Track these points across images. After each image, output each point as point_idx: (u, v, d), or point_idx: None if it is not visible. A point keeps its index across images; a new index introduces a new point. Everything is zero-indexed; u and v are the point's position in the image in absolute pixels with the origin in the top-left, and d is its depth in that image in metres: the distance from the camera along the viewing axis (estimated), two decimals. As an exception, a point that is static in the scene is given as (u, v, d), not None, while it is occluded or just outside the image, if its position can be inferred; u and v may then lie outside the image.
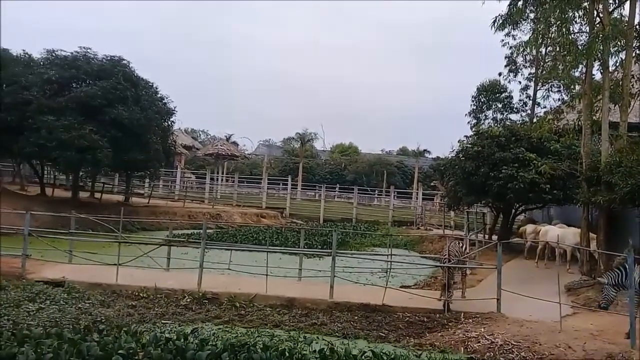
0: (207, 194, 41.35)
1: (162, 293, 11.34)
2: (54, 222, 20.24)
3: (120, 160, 27.48)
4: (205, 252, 12.71)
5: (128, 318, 9.32)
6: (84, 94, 26.39)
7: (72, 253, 14.14)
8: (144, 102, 28.89)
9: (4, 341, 6.75)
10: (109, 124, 26.44)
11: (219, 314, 10.43)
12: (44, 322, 8.43)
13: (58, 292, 10.69)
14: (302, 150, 62.85)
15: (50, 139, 24.88)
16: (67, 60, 28.59)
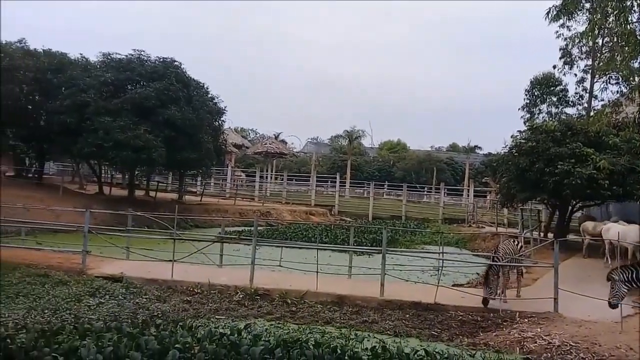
0: (257, 192, 41.91)
1: (215, 289, 11.55)
2: (111, 220, 20.98)
3: (174, 159, 28.20)
4: (256, 249, 12.86)
5: (183, 313, 9.54)
6: (138, 95, 27.19)
7: (129, 249, 14.57)
8: (195, 102, 29.53)
9: (66, 334, 7.02)
10: (162, 124, 27.16)
11: (270, 310, 10.53)
12: (104, 316, 8.72)
13: (117, 287, 11.04)
14: (350, 148, 62.76)
15: (107, 139, 25.78)
16: (121, 62, 29.54)
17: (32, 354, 5.90)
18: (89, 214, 13.81)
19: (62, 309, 8.97)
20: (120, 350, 6.12)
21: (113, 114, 26.58)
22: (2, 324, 7.83)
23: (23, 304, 9.18)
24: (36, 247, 15.22)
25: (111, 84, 28.02)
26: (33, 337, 6.59)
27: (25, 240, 16.59)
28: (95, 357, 5.88)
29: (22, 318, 8.26)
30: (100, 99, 27.15)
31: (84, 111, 26.85)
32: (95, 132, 26.14)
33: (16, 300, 9.41)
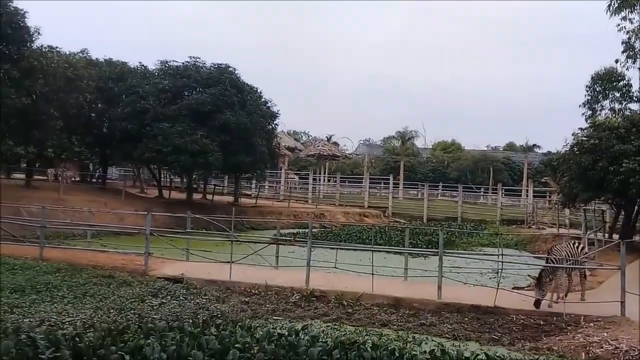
0: (310, 194, 42.15)
1: (272, 290, 11.69)
2: (171, 222, 21.62)
3: (229, 162, 28.78)
4: (311, 250, 12.93)
5: (242, 313, 9.70)
6: (195, 101, 27.93)
7: (188, 251, 14.96)
8: (249, 107, 30.04)
9: (132, 333, 7.25)
10: (218, 129, 27.78)
11: (326, 312, 10.56)
12: (166, 316, 8.96)
13: (177, 288, 11.34)
14: (403, 149, 62.21)
15: (166, 144, 26.61)
16: (178, 70, 30.43)
17: (99, 352, 6.11)
18: (150, 216, 14.22)
19: (127, 309, 9.28)
20: (183, 350, 6.26)
21: (171, 120, 27.42)
22: (71, 323, 8.19)
23: (90, 303, 9.56)
24: (101, 249, 15.85)
25: (169, 90, 28.90)
26: (100, 335, 6.83)
27: (91, 242, 17.34)
28: (160, 355, 6.05)
29: (90, 317, 8.59)
30: (158, 106, 28.05)
31: (143, 117, 27.84)
32: (155, 137, 27.04)
33: (83, 300, 9.81)
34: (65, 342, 6.30)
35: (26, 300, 9.33)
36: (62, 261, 13.16)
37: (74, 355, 5.97)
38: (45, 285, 10.41)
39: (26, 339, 6.25)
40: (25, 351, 5.86)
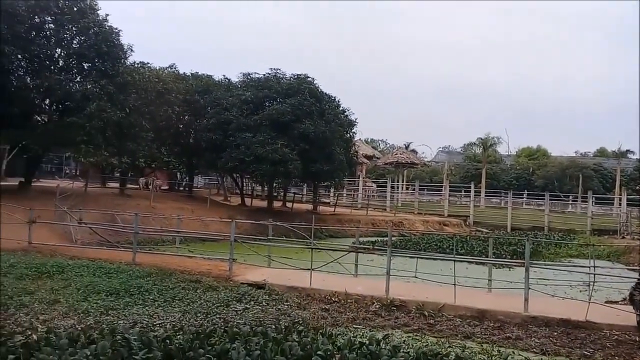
0: (389, 202, 41.85)
1: (352, 298, 11.70)
2: (252, 230, 22.19)
3: (308, 171, 29.18)
4: (390, 259, 12.82)
5: (322, 321, 9.77)
6: (275, 111, 28.58)
7: (270, 258, 15.28)
8: (328, 116, 30.34)
9: (218, 337, 7.51)
10: (297, 138, 28.26)
11: (407, 322, 10.42)
12: (250, 321, 9.19)
13: (260, 293, 11.60)
14: (485, 156, 60.43)
15: (248, 154, 27.42)
16: (260, 81, 31.32)
17: (188, 355, 6.37)
18: (234, 224, 14.67)
19: (213, 313, 9.62)
20: (267, 354, 6.41)
21: (253, 130, 28.22)
22: (161, 325, 8.60)
23: (178, 307, 9.99)
24: (188, 254, 16.52)
25: (251, 101, 29.78)
26: (189, 338, 7.12)
27: (179, 248, 18.12)
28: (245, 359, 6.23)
29: (178, 320, 8.98)
30: (241, 117, 28.96)
31: (227, 128, 28.86)
32: (238, 147, 27.93)
33: (172, 303, 10.26)
34: (157, 344, 6.61)
35: (120, 303, 9.89)
36: (153, 266, 13.83)
37: (164, 356, 6.25)
38: (138, 289, 10.98)
39: (121, 340, 6.61)
40: (120, 351, 6.21)
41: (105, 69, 23.21)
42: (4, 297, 9.56)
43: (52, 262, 13.17)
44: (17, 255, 13.92)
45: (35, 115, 23.92)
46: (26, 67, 22.79)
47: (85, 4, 23.03)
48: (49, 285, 10.97)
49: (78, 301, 9.72)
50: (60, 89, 21.60)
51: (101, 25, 23.11)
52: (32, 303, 9.38)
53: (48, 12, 22.32)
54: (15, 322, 8.20)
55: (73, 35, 22.99)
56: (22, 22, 21.46)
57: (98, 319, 8.73)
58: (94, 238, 18.95)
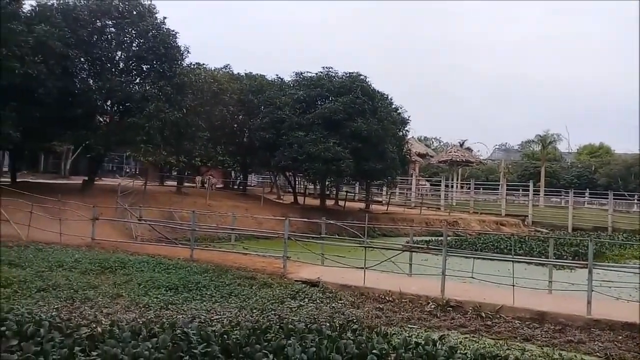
0: (443, 201, 41.18)
1: (406, 298, 11.56)
2: (305, 227, 22.33)
3: (361, 169, 29.10)
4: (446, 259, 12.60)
5: (376, 320, 9.70)
6: (327, 110, 28.63)
7: (323, 256, 15.32)
8: (380, 114, 30.16)
9: (273, 333, 7.58)
10: (349, 136, 28.21)
11: (464, 323, 10.20)
12: (304, 318, 9.23)
13: (314, 291, 11.64)
14: (544, 154, 58.54)
15: (300, 152, 27.60)
16: (312, 80, 31.45)
17: (245, 350, 6.45)
18: (288, 222, 14.78)
19: (268, 310, 9.71)
20: (322, 352, 6.41)
21: (305, 129, 28.38)
22: (219, 320, 8.76)
23: (235, 303, 10.14)
24: (243, 251, 16.78)
25: (303, 100, 29.95)
26: (245, 334, 7.21)
27: (234, 245, 18.46)
28: (300, 356, 6.25)
29: (235, 316, 9.12)
30: (294, 115, 29.18)
31: (280, 127, 29.14)
32: (290, 146, 28.16)
33: (229, 299, 10.43)
34: (215, 339, 6.72)
35: (179, 298, 10.13)
36: (210, 262, 14.12)
37: (222, 351, 6.34)
38: (196, 285, 11.23)
39: (181, 334, 6.76)
40: (180, 345, 6.34)
41: (163, 71, 23.90)
42: (70, 291, 9.98)
43: (115, 257, 13.65)
44: (81, 251, 14.52)
45: (98, 117, 24.88)
46: (89, 70, 23.75)
47: (144, 7, 23.76)
48: (111, 279, 11.37)
49: (139, 295, 10.02)
50: (121, 90, 22.38)
51: (159, 28, 23.79)
52: (96, 297, 9.75)
53: (109, 16, 23.19)
54: (81, 315, 8.53)
55: (132, 38, 23.78)
56: (85, 27, 22.39)
57: (158, 313, 8.97)
58: (153, 235, 19.56)
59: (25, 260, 12.33)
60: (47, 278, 10.73)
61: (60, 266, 12.14)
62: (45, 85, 19.42)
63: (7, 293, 9.42)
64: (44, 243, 15.43)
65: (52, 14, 21.13)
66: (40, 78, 19.04)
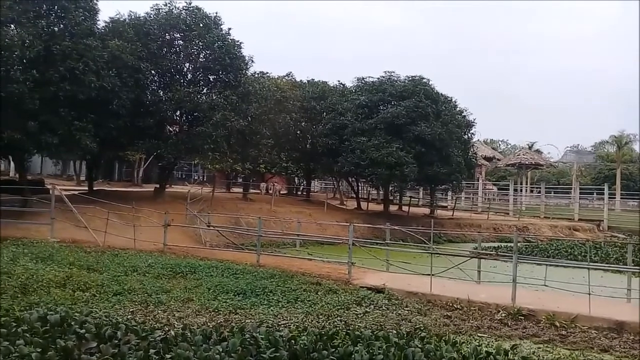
0: (511, 206, 39.94)
1: (475, 306, 11.27)
2: (369, 233, 22.26)
3: (425, 174, 28.75)
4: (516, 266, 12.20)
5: (444, 328, 9.51)
6: (390, 115, 28.48)
7: (388, 262, 15.20)
8: (444, 117, 29.71)
9: (340, 339, 7.58)
10: (413, 141, 27.93)
11: (536, 332, 9.83)
12: (371, 324, 9.18)
13: (380, 297, 11.55)
14: (619, 155, 55.65)
15: (363, 158, 27.58)
16: (374, 85, 31.39)
17: (313, 355, 6.48)
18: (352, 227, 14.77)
19: (334, 316, 9.71)
20: (389, 359, 6.37)
21: (368, 134, 28.34)
22: (286, 325, 8.84)
23: (301, 308, 10.21)
24: (308, 257, 16.90)
25: (365, 105, 29.92)
26: (312, 339, 7.24)
27: (299, 250, 18.63)
28: (367, 363, 6.23)
29: (301, 321, 9.18)
30: (356, 121, 29.22)
31: (342, 133, 29.26)
32: (353, 151, 28.20)
33: (295, 304, 10.52)
34: (283, 344, 6.79)
35: (247, 303, 10.31)
36: (276, 267, 14.29)
37: (290, 356, 6.39)
38: (263, 290, 11.39)
39: (249, 338, 6.88)
40: (249, 349, 6.45)
41: (228, 80, 24.55)
42: (144, 295, 10.37)
43: (185, 262, 14.07)
44: (154, 256, 15.06)
45: (168, 126, 25.81)
46: (159, 82, 24.71)
47: (210, 19, 24.49)
48: (182, 284, 11.73)
49: (209, 300, 10.28)
50: (189, 100, 23.14)
51: (224, 38, 24.45)
52: (169, 301, 10.07)
53: (177, 29, 24.06)
54: (154, 318, 8.84)
55: (199, 50, 24.56)
56: (155, 40, 23.35)
57: (227, 318, 9.17)
58: (221, 240, 20.07)
59: (102, 265, 12.91)
60: (123, 282, 11.18)
61: (134, 271, 12.64)
62: (119, 97, 20.33)
63: (86, 297, 9.88)
64: (120, 248, 16.11)
65: (125, 29, 22.12)
66: (114, 91, 19.95)
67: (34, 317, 7.22)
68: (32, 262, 12.21)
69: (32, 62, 18.04)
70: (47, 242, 15.84)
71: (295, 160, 35.19)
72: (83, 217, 17.71)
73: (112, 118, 20.63)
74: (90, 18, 20.51)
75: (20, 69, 17.71)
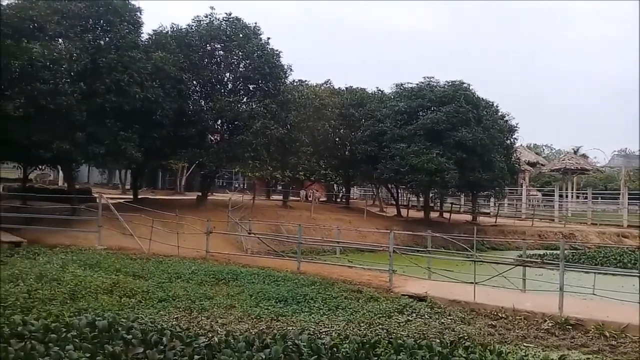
0: (557, 212, 38.90)
1: (520, 315, 11.00)
2: (409, 240, 22.05)
3: (466, 180, 28.33)
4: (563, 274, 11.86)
5: (489, 337, 9.32)
6: (429, 120, 28.23)
7: (430, 270, 15.01)
8: (485, 122, 29.26)
9: (382, 348, 7.52)
10: (453, 147, 27.59)
11: (585, 342, 9.52)
12: (413, 333, 9.08)
13: (422, 306, 11.40)
14: (671, 158, 53.52)
15: (402, 164, 27.40)
16: (413, 91, 31.18)
17: (355, 363, 6.48)
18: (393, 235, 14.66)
19: (375, 324, 9.64)
20: (433, 369, 6.29)
21: (407, 140, 28.16)
22: (327, 333, 8.84)
23: (342, 316, 10.18)
24: (348, 264, 16.86)
25: (404, 112, 29.75)
26: (354, 347, 7.21)
27: (339, 258, 18.60)
28: (411, 372, 6.17)
29: (343, 329, 9.15)
30: (395, 127, 29.08)
31: (381, 139, 29.17)
32: (392, 158, 28.05)
33: (336, 312, 10.49)
34: (325, 351, 6.78)
35: (289, 310, 10.35)
36: (316, 275, 14.30)
37: (331, 364, 6.41)
38: (304, 297, 11.41)
39: (292, 346, 6.90)
40: (291, 356, 6.48)
41: (268, 89, 24.84)
42: (187, 301, 10.55)
43: (227, 269, 14.24)
44: (197, 263, 15.30)
45: (209, 135, 26.27)
46: (200, 92, 25.20)
47: (250, 29, 24.86)
48: (225, 291, 11.87)
49: (251, 307, 10.37)
50: (230, 110, 23.50)
51: (264, 48, 24.76)
52: (212, 307, 10.21)
53: (218, 40, 24.52)
54: (198, 324, 8.98)
55: (239, 60, 24.94)
56: (196, 51, 23.87)
57: (269, 325, 9.23)
58: (261, 247, 20.25)
59: (147, 272, 13.20)
60: (167, 289, 11.40)
61: (178, 277, 12.87)
62: (163, 107, 20.81)
63: (132, 303, 10.12)
64: (164, 255, 16.44)
65: (167, 40, 22.66)
66: (158, 101, 20.44)
67: (82, 323, 7.44)
68: (80, 269, 12.58)
69: (80, 75, 18.67)
70: (95, 249, 16.32)
71: (334, 167, 35.22)
72: (129, 225, 18.17)
73: (156, 128, 21.13)
74: (135, 31, 21.11)
75: (69, 82, 18.32)
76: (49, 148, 17.96)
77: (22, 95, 17.13)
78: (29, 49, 17.20)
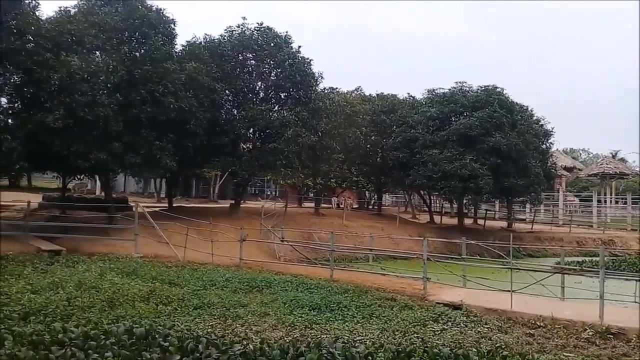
0: (595, 218, 37.92)
1: (559, 323, 10.74)
2: (443, 248, 21.78)
3: (501, 186, 27.89)
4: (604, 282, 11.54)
5: (527, 347, 9.12)
6: (462, 126, 27.92)
7: (465, 277, 14.79)
8: (520, 127, 28.82)
9: (418, 357, 7.43)
10: (487, 152, 27.22)
11: (627, 352, 9.24)
12: (449, 342, 8.95)
13: (457, 314, 11.24)
14: None
15: (435, 170, 27.14)
16: (445, 96, 30.92)
17: (392, 372, 6.42)
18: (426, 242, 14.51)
19: (410, 332, 9.54)
20: (469, 378, 6.19)
21: (439, 146, 27.91)
22: (362, 341, 8.78)
23: (376, 324, 10.11)
24: (381, 272, 16.75)
25: (436, 117, 29.52)
26: (390, 356, 7.15)
27: (372, 265, 18.50)
28: (448, 382, 6.08)
29: (377, 338, 9.08)
30: (427, 133, 28.86)
31: (413, 146, 28.98)
32: (425, 164, 27.83)
33: (370, 320, 10.43)
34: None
35: (322, 318, 10.34)
36: (349, 282, 14.26)
37: (368, 372, 6.36)
38: (337, 305, 11.38)
39: (326, 354, 6.88)
40: (325, 364, 6.48)
41: (299, 97, 24.99)
42: (222, 309, 10.64)
43: (261, 277, 14.31)
44: (231, 271, 15.43)
45: (242, 144, 26.54)
46: (233, 101, 25.50)
47: (281, 38, 25.07)
48: (259, 298, 11.93)
49: (285, 314, 10.39)
50: (262, 118, 23.71)
51: (294, 56, 24.93)
52: (246, 315, 10.28)
53: (249, 49, 24.81)
54: (233, 332, 9.04)
55: (271, 69, 25.18)
56: (229, 61, 24.19)
57: (303, 332, 9.23)
58: (294, 255, 20.30)
59: (182, 280, 13.37)
60: (202, 296, 11.52)
61: (213, 285, 13.00)
62: (196, 117, 21.14)
63: (168, 310, 10.25)
64: (198, 263, 16.64)
65: (200, 51, 23.04)
66: (191, 111, 20.78)
67: (121, 330, 7.58)
68: (118, 276, 12.82)
69: (116, 86, 19.12)
70: (132, 257, 16.62)
71: (365, 174, 35.14)
72: (164, 233, 18.46)
73: (190, 137, 21.46)
74: (169, 42, 21.52)
75: (106, 94, 18.78)
76: (87, 158, 18.40)
77: (61, 107, 17.60)
78: (68, 62, 17.68)
